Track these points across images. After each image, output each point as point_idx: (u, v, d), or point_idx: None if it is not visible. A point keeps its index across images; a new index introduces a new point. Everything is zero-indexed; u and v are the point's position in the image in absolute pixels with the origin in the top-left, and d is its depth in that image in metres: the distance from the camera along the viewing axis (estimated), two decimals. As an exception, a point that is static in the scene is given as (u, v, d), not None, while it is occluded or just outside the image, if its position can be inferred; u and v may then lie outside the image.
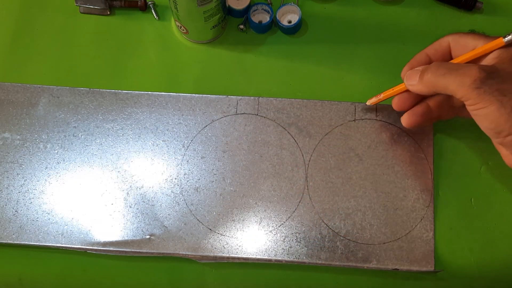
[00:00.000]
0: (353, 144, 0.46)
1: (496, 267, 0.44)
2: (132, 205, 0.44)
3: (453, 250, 0.44)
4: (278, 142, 0.46)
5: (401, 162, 0.45)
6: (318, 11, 0.51)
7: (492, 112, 0.33)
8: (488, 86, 0.32)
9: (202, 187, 0.45)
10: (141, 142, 0.46)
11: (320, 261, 0.43)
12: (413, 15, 0.51)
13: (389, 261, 0.43)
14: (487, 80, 0.32)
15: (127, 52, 0.50)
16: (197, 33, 0.49)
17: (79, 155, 0.46)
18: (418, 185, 0.45)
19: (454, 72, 0.34)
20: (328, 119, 0.46)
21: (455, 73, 0.34)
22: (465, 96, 0.33)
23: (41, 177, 0.45)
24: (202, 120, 0.47)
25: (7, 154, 0.46)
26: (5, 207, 0.44)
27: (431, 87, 0.36)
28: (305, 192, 0.45)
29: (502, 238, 0.44)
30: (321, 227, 0.44)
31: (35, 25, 0.51)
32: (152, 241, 0.43)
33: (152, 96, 0.47)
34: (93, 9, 0.51)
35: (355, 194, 0.44)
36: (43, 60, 0.50)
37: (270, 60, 0.50)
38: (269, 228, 0.44)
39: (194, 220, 0.44)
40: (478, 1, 0.50)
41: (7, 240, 0.43)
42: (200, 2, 0.43)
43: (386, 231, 0.43)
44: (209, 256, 0.43)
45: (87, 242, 0.43)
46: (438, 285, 0.43)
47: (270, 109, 0.47)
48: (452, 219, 0.45)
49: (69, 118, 0.47)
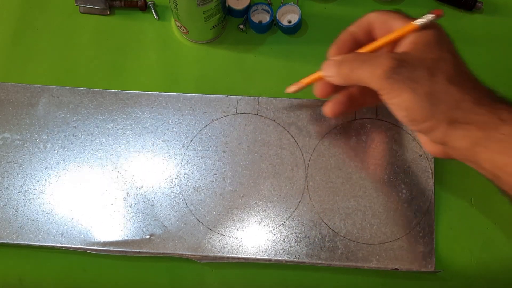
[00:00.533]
0: (353, 143, 0.46)
1: (496, 267, 0.44)
2: (132, 205, 0.44)
3: (453, 250, 0.44)
4: (278, 142, 0.46)
5: (401, 161, 0.45)
6: (318, 11, 0.51)
7: (405, 101, 0.32)
8: (400, 75, 0.32)
9: (202, 187, 0.45)
10: (141, 142, 0.46)
11: (320, 261, 0.43)
12: (413, 15, 0.51)
13: (389, 261, 0.43)
14: (398, 69, 0.32)
15: (127, 52, 0.50)
16: (197, 33, 0.49)
17: (79, 155, 0.46)
18: (418, 185, 0.45)
19: (366, 63, 0.33)
20: (328, 118, 0.46)
21: (368, 63, 0.33)
22: (378, 87, 0.33)
23: (41, 177, 0.45)
24: (202, 120, 0.47)
25: (7, 154, 0.46)
26: (5, 207, 0.44)
27: (348, 80, 0.35)
28: (305, 192, 0.45)
29: (502, 238, 0.44)
30: (321, 227, 0.44)
31: (35, 25, 0.51)
32: (152, 241, 0.43)
33: (152, 96, 0.47)
34: (93, 9, 0.51)
35: (355, 194, 0.44)
36: (43, 60, 0.50)
37: (270, 60, 0.50)
38: (269, 228, 0.44)
39: (194, 220, 0.44)
40: (478, 1, 0.50)
41: (7, 240, 0.43)
42: (200, 2, 0.43)
43: (386, 231, 0.43)
44: (209, 256, 0.43)
45: (87, 242, 0.43)
46: (438, 285, 0.43)
47: (270, 109, 0.47)
48: (452, 219, 0.45)
49: (69, 118, 0.47)
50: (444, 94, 0.31)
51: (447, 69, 0.32)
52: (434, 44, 0.33)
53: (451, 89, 0.31)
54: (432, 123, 0.32)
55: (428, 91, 0.31)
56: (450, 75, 0.32)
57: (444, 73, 0.32)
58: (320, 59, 0.49)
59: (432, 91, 0.31)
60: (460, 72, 0.32)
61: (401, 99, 0.32)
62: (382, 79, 0.32)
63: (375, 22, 0.36)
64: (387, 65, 0.32)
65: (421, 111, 0.32)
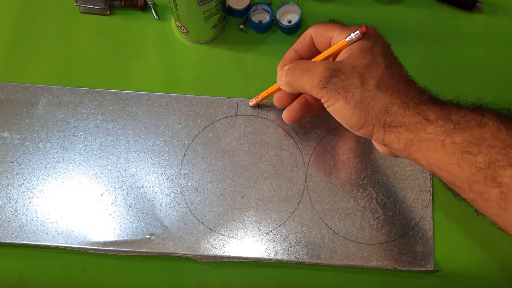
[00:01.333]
0: (352, 144, 0.46)
1: (496, 267, 0.44)
2: (132, 205, 0.44)
3: (453, 250, 0.44)
4: (278, 143, 0.46)
5: (400, 162, 0.45)
6: (318, 11, 0.51)
7: (339, 108, 0.34)
8: (333, 84, 0.34)
9: (202, 187, 0.45)
10: (141, 142, 0.46)
11: (320, 261, 0.43)
12: (413, 15, 0.51)
13: (388, 261, 0.43)
14: (332, 79, 0.34)
15: (127, 52, 0.50)
16: (197, 33, 0.49)
17: (79, 154, 0.46)
18: (417, 185, 0.45)
19: (306, 73, 0.36)
20: (328, 120, 0.46)
21: (307, 73, 0.36)
22: (316, 95, 0.35)
23: (41, 177, 0.45)
24: (202, 121, 0.47)
25: (6, 153, 0.46)
26: (4, 207, 0.44)
27: (293, 87, 0.38)
28: (305, 192, 0.45)
29: (502, 238, 0.44)
30: (321, 227, 0.44)
31: (35, 25, 0.51)
32: (152, 241, 0.43)
33: (152, 97, 0.47)
34: (93, 9, 0.51)
35: (354, 194, 0.44)
36: (43, 60, 0.50)
37: (270, 60, 0.50)
38: (269, 228, 0.44)
39: (194, 219, 0.44)
40: (478, 1, 0.50)
41: (6, 240, 0.43)
42: (200, 2, 0.43)
43: (386, 231, 0.43)
44: (209, 256, 0.43)
45: (87, 242, 0.43)
46: (437, 284, 0.43)
47: (270, 110, 0.47)
48: (451, 219, 0.45)
49: (69, 117, 0.47)
50: (374, 100, 0.33)
51: (378, 74, 0.34)
52: (368, 49, 0.34)
53: (380, 95, 0.33)
54: (368, 128, 0.34)
55: (358, 99, 0.33)
56: (380, 79, 0.33)
57: (374, 79, 0.33)
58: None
59: (362, 98, 0.33)
60: (390, 75, 0.34)
61: (336, 107, 0.34)
62: (318, 88, 0.35)
63: (314, 36, 0.39)
64: (322, 75, 0.34)
65: (355, 117, 0.34)
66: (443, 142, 0.30)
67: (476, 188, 0.29)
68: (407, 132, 0.32)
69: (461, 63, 0.50)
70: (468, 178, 0.29)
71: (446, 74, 0.49)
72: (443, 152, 0.30)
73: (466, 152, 0.29)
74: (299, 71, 0.37)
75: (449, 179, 0.31)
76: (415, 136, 0.32)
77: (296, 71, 0.37)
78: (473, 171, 0.29)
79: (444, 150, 0.30)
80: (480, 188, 0.29)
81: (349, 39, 0.34)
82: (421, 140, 0.31)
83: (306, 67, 0.36)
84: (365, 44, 0.34)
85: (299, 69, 0.37)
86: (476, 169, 0.29)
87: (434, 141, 0.31)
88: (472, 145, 0.29)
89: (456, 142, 0.30)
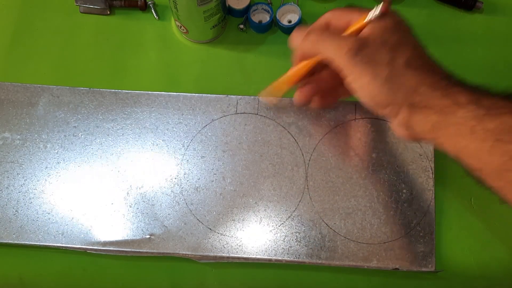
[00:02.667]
0: (353, 143, 0.46)
1: (496, 267, 0.44)
2: (132, 204, 0.44)
3: (453, 250, 0.44)
4: (278, 141, 0.46)
5: (401, 161, 0.45)
6: (318, 11, 0.51)
7: (366, 85, 0.33)
8: (362, 57, 0.32)
9: (202, 186, 0.45)
10: (141, 142, 0.46)
11: (320, 261, 0.43)
12: (413, 15, 0.51)
13: (389, 261, 0.43)
14: (363, 50, 0.32)
15: (127, 52, 0.50)
16: (197, 33, 0.49)
17: (79, 154, 0.46)
18: (418, 185, 0.45)
19: (334, 38, 0.34)
20: (328, 118, 0.46)
21: (335, 38, 0.34)
22: (341, 65, 0.33)
23: (41, 177, 0.45)
24: (202, 120, 0.47)
25: (7, 154, 0.46)
26: (5, 207, 0.44)
27: (313, 47, 0.36)
28: (305, 191, 0.44)
29: (502, 238, 0.44)
30: (321, 226, 0.44)
31: (35, 25, 0.51)
32: (152, 241, 0.43)
33: (152, 96, 0.47)
34: (93, 9, 0.51)
35: (355, 193, 0.44)
36: (43, 60, 0.50)
37: (270, 60, 0.50)
38: (269, 227, 0.44)
39: (194, 219, 0.44)
40: (478, 1, 0.50)
41: (7, 240, 0.43)
42: (200, 2, 0.43)
43: (387, 230, 0.43)
44: (209, 256, 0.43)
45: (87, 242, 0.43)
46: (438, 285, 0.43)
47: (270, 109, 0.47)
48: (452, 219, 0.45)
49: (69, 117, 0.47)
50: (403, 78, 0.32)
51: (406, 53, 0.32)
52: (394, 27, 0.33)
53: (409, 73, 0.32)
54: (394, 107, 0.33)
55: (388, 75, 0.32)
56: (409, 58, 0.32)
57: (404, 56, 0.32)
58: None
59: (392, 76, 0.32)
60: (419, 56, 0.33)
61: (362, 82, 0.33)
62: (346, 56, 0.33)
63: (331, 19, 0.37)
64: (352, 44, 0.33)
65: (382, 95, 0.32)
66: (474, 127, 0.29)
67: (506, 177, 0.29)
68: (435, 114, 0.31)
69: (461, 63, 0.49)
70: (499, 166, 0.29)
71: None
72: (473, 138, 0.29)
73: (497, 140, 0.28)
74: (327, 34, 0.35)
75: (476, 165, 0.30)
76: (443, 120, 0.30)
77: (324, 33, 0.35)
78: (505, 159, 0.28)
79: (473, 136, 0.29)
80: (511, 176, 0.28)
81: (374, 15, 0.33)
82: (449, 124, 0.30)
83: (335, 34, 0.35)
84: (388, 24, 0.33)
85: (328, 33, 0.35)
86: (508, 157, 0.28)
87: (464, 126, 0.30)
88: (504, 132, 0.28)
89: (488, 129, 0.29)
